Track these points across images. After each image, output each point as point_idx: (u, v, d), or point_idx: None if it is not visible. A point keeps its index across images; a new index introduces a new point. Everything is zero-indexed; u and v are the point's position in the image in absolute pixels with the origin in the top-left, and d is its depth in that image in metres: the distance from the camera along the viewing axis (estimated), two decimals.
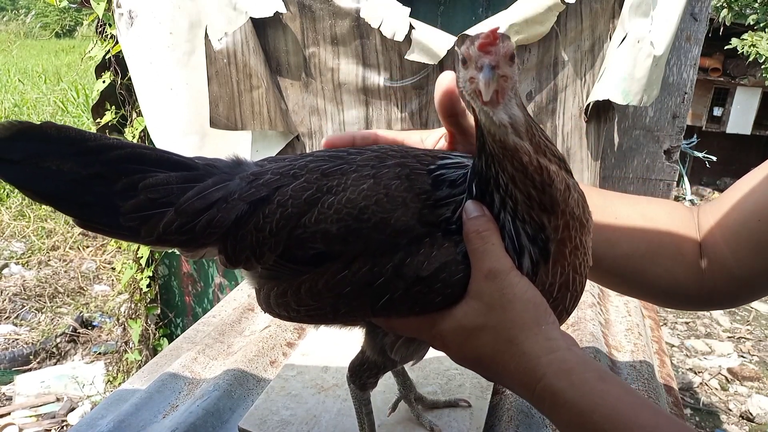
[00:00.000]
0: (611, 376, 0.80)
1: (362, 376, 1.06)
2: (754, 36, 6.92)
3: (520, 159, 0.81)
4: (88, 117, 6.90)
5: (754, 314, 5.45)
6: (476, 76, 0.76)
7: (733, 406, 4.16)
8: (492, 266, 0.84)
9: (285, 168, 0.97)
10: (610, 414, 0.73)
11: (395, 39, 2.32)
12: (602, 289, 2.12)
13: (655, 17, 2.25)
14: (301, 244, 0.91)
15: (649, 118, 2.62)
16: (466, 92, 0.80)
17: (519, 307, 0.83)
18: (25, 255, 5.74)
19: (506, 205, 0.85)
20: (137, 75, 2.58)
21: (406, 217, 0.86)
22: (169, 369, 1.51)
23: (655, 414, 0.74)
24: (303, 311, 0.96)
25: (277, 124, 2.49)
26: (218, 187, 0.95)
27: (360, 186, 0.89)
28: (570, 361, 0.79)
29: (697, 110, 8.04)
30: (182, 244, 0.98)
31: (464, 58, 0.79)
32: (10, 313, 4.79)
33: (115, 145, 0.94)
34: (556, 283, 0.87)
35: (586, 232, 0.88)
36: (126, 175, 0.93)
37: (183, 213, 0.93)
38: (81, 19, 3.01)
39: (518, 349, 0.81)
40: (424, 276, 0.85)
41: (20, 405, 3.70)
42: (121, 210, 0.93)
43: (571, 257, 0.87)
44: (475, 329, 0.85)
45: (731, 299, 1.13)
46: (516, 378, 0.82)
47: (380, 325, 0.97)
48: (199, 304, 3.29)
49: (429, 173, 0.90)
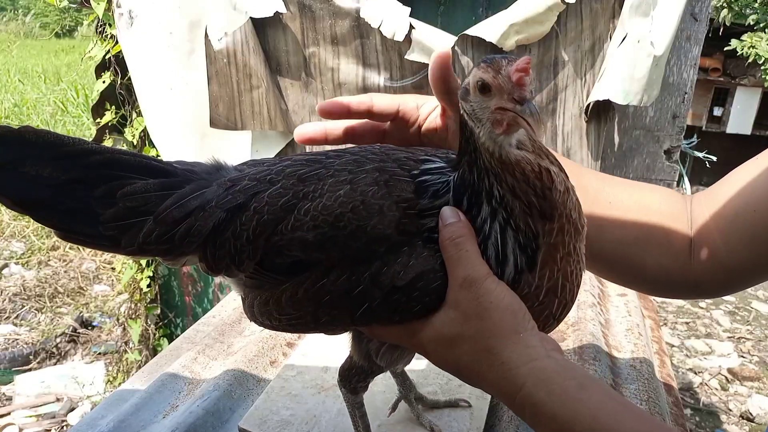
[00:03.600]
0: (593, 383, 0.78)
1: (351, 380, 1.06)
2: (753, 37, 6.92)
3: (522, 170, 0.80)
4: (88, 117, 6.90)
5: (754, 314, 5.45)
6: (510, 108, 0.76)
7: (733, 406, 4.16)
8: (467, 274, 0.82)
9: (262, 173, 0.96)
10: (590, 423, 0.72)
11: (395, 39, 2.31)
12: (602, 290, 2.12)
13: (655, 17, 2.25)
14: (278, 252, 0.91)
15: (649, 118, 2.62)
16: (483, 120, 0.80)
17: (496, 315, 0.81)
18: (25, 255, 5.74)
19: (497, 215, 0.84)
20: (137, 75, 2.58)
21: (383, 225, 0.85)
22: (169, 369, 1.51)
23: (638, 421, 0.73)
24: (285, 320, 0.96)
25: (277, 124, 2.49)
26: (196, 194, 0.94)
27: (336, 192, 0.88)
28: (549, 369, 0.78)
29: (697, 110, 8.03)
30: (163, 254, 0.97)
31: (488, 85, 0.78)
32: (10, 313, 4.79)
33: (93, 150, 0.93)
34: (543, 287, 0.85)
35: (580, 239, 0.87)
36: (105, 181, 0.92)
37: (162, 222, 0.92)
38: (81, 19, 3.00)
39: (497, 358, 0.80)
40: (401, 285, 0.84)
41: (20, 405, 3.70)
42: (100, 218, 0.92)
43: (562, 263, 0.85)
44: (453, 338, 0.84)
45: (718, 289, 1.13)
46: (496, 387, 0.82)
47: (364, 332, 0.97)
48: (199, 304, 3.29)
49: (412, 178, 0.88)
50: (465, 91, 0.82)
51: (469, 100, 0.81)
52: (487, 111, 0.79)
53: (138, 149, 2.89)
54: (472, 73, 0.81)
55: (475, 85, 0.80)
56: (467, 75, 0.84)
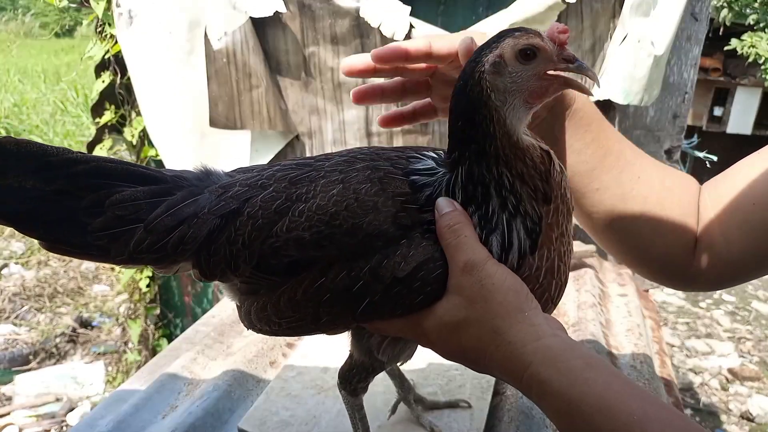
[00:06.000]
0: (599, 362, 0.79)
1: (352, 381, 1.05)
2: (753, 37, 6.91)
3: (531, 155, 0.82)
4: (88, 117, 6.88)
5: (754, 314, 5.45)
6: (563, 68, 0.79)
7: (733, 406, 4.15)
8: (467, 258, 0.83)
9: (253, 179, 0.96)
10: (597, 402, 0.72)
11: (395, 38, 2.31)
12: (603, 290, 2.12)
13: (656, 17, 2.24)
14: (275, 253, 0.91)
15: (649, 118, 2.62)
16: (520, 91, 0.80)
17: (499, 296, 0.82)
18: (25, 255, 5.73)
19: (506, 205, 0.85)
20: (137, 75, 2.57)
21: (379, 220, 0.86)
22: (168, 369, 1.51)
23: (644, 401, 0.73)
24: (284, 324, 0.95)
25: (276, 123, 2.49)
26: (188, 202, 0.94)
27: (330, 192, 0.89)
28: (556, 347, 0.79)
29: (698, 110, 8.02)
30: (155, 262, 0.96)
31: (535, 50, 0.79)
32: (9, 313, 4.78)
33: (78, 159, 0.92)
34: (543, 268, 0.87)
35: (570, 219, 0.89)
36: (92, 190, 0.91)
37: (153, 231, 0.91)
38: (81, 19, 3.00)
39: (503, 338, 0.81)
40: (402, 276, 0.85)
41: (20, 405, 3.70)
42: (88, 228, 0.91)
43: (557, 243, 0.87)
44: (458, 324, 0.84)
45: (714, 282, 1.12)
46: (503, 368, 0.82)
47: (366, 328, 0.97)
48: (198, 305, 3.29)
49: (405, 176, 0.89)
50: (497, 65, 0.80)
51: (506, 72, 0.80)
52: (532, 79, 0.79)
53: (137, 149, 2.89)
54: (505, 43, 0.80)
55: (514, 55, 0.79)
56: (486, 50, 0.82)
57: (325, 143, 2.58)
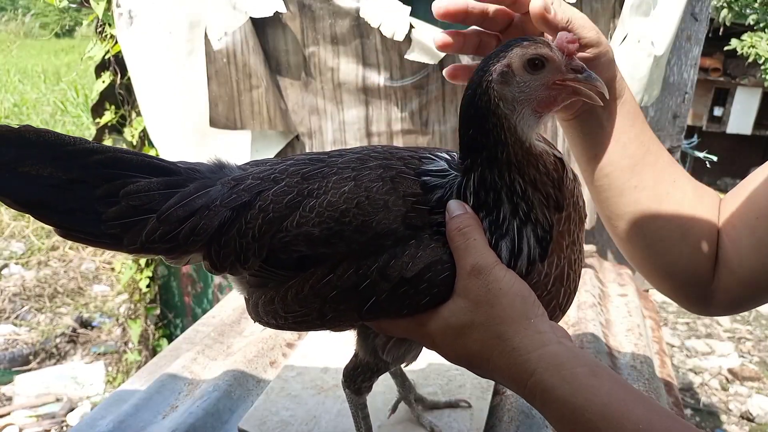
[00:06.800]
0: (603, 370, 0.79)
1: (356, 380, 1.06)
2: (753, 37, 6.92)
3: (544, 162, 0.82)
4: (88, 117, 6.89)
5: (754, 314, 5.45)
6: (572, 78, 0.79)
7: (733, 407, 4.15)
8: (475, 262, 0.83)
9: (266, 172, 0.96)
10: (601, 410, 0.73)
11: (395, 38, 2.31)
12: (603, 290, 2.12)
13: (656, 17, 2.24)
14: (284, 248, 0.91)
15: (649, 118, 2.62)
16: (528, 101, 0.80)
17: (506, 301, 0.82)
18: (25, 255, 5.73)
19: (518, 211, 0.84)
20: (137, 75, 2.57)
21: (389, 219, 0.86)
22: (168, 369, 1.51)
23: (648, 409, 0.73)
24: (291, 318, 0.96)
25: (276, 123, 2.49)
26: (200, 193, 0.95)
27: (341, 189, 0.89)
28: (561, 355, 0.78)
29: (698, 110, 8.03)
30: (166, 252, 0.97)
31: (544, 60, 0.79)
32: (9, 313, 4.78)
33: (95, 149, 0.93)
34: (552, 275, 0.87)
35: (582, 228, 0.89)
36: (107, 180, 0.92)
37: (166, 221, 0.92)
38: (81, 19, 3.01)
39: (508, 344, 0.81)
40: (409, 277, 0.85)
41: (20, 405, 3.70)
42: (102, 217, 0.92)
43: (567, 251, 0.87)
44: (463, 327, 0.84)
45: (730, 303, 1.10)
46: (507, 374, 0.82)
47: (371, 327, 0.97)
48: (198, 305, 3.29)
49: (417, 177, 0.90)
50: (505, 74, 0.80)
51: (514, 82, 0.80)
52: (541, 89, 0.79)
53: (137, 149, 2.89)
54: (513, 53, 0.80)
55: (523, 65, 0.79)
56: (494, 59, 0.81)
57: (325, 143, 2.58)
